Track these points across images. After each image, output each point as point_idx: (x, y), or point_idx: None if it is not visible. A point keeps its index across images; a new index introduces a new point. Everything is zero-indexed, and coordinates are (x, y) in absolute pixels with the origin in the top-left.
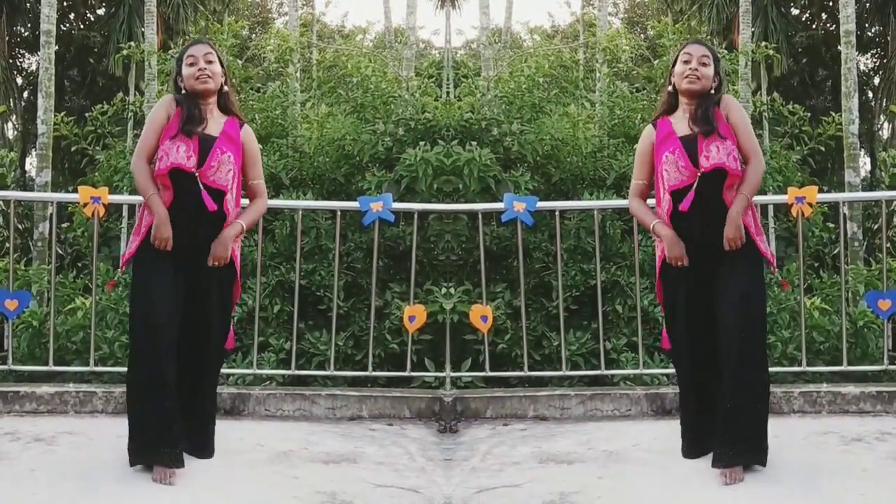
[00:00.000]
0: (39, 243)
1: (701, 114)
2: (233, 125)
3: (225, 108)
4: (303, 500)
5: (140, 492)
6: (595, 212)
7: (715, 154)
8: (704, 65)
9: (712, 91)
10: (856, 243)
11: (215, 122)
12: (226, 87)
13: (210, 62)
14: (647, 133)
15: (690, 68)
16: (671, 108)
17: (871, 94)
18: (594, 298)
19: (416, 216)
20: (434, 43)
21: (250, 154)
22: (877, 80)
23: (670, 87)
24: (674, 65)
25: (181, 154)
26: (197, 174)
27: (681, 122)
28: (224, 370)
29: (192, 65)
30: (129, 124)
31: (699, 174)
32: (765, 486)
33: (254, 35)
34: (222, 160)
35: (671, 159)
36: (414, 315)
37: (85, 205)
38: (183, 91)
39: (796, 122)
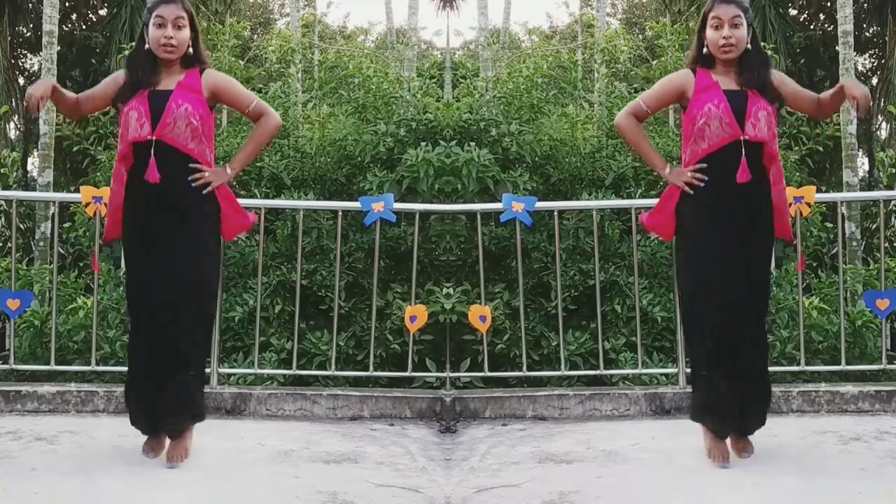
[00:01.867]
0: (41, 243)
1: (755, 66)
2: (193, 74)
3: (189, 63)
4: (304, 500)
5: (141, 491)
6: (594, 212)
7: (763, 124)
8: (737, 26)
9: (748, 45)
10: (854, 243)
11: (172, 78)
12: (191, 51)
13: (179, 27)
14: (684, 74)
15: (724, 37)
16: (706, 63)
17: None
18: (593, 298)
19: (417, 216)
20: (436, 43)
21: (224, 89)
22: (875, 81)
23: (705, 50)
24: (701, 27)
25: (134, 123)
26: (153, 139)
27: (723, 77)
28: (225, 370)
29: (160, 26)
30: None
31: (743, 139)
32: (763, 485)
33: (255, 36)
34: (178, 115)
35: (714, 113)
36: (415, 315)
37: (87, 205)
38: (146, 47)
39: (794, 122)
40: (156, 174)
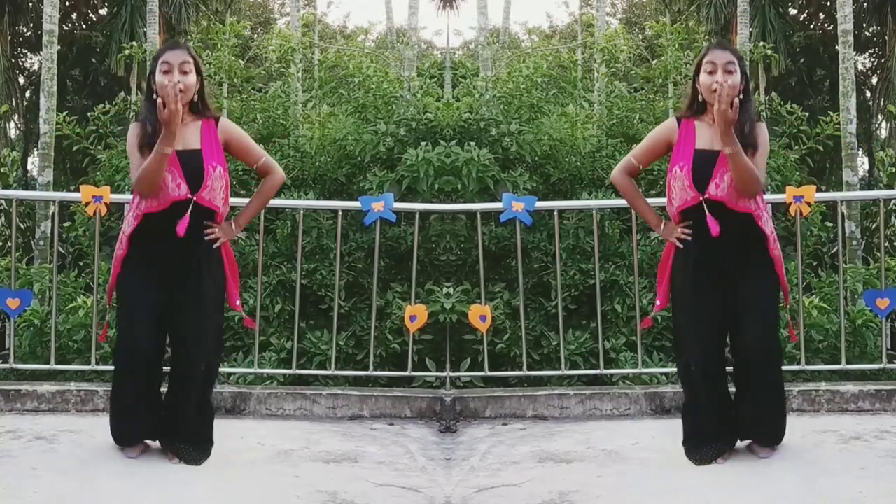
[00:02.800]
0: (41, 242)
1: (741, 121)
2: (209, 128)
3: (197, 109)
4: (304, 499)
5: (141, 490)
6: (594, 211)
7: (725, 186)
8: (730, 73)
9: (740, 95)
10: (854, 242)
11: (190, 131)
12: (195, 98)
13: (185, 73)
14: (669, 125)
15: (717, 82)
16: (699, 110)
17: (868, 94)
18: (593, 298)
19: (417, 216)
20: (436, 43)
21: (238, 143)
22: (874, 80)
23: (700, 97)
24: (696, 71)
25: (170, 185)
26: (194, 199)
27: (705, 131)
28: (225, 369)
29: (166, 73)
30: (130, 124)
31: (703, 199)
32: (764, 485)
33: (256, 35)
34: (215, 178)
35: (678, 176)
36: (415, 315)
37: (87, 204)
38: (155, 95)
39: (794, 121)
40: (184, 229)
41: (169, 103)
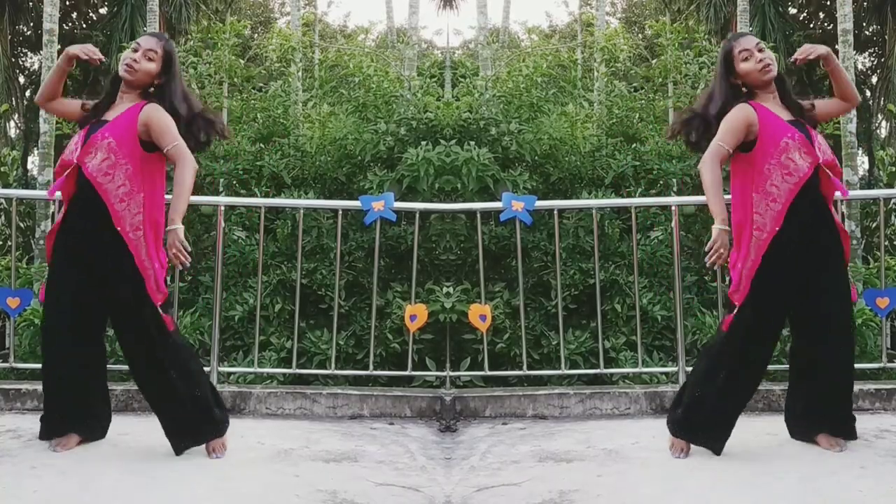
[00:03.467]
0: (41, 242)
1: (790, 92)
2: (134, 108)
3: (146, 97)
4: (303, 499)
5: (140, 489)
6: (593, 211)
7: (825, 147)
8: (763, 50)
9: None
10: (854, 241)
11: (119, 110)
12: (157, 82)
13: (149, 59)
14: (744, 109)
15: (759, 60)
16: (749, 97)
17: (868, 93)
18: (593, 297)
19: (417, 215)
20: (436, 43)
21: (155, 126)
22: (874, 79)
23: (741, 86)
24: (726, 70)
25: (71, 147)
26: (76, 161)
27: (775, 108)
28: (225, 369)
29: (133, 51)
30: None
31: (818, 164)
32: (763, 484)
33: (256, 35)
34: (100, 146)
35: (793, 145)
36: (415, 314)
37: None
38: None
39: None
40: (53, 191)
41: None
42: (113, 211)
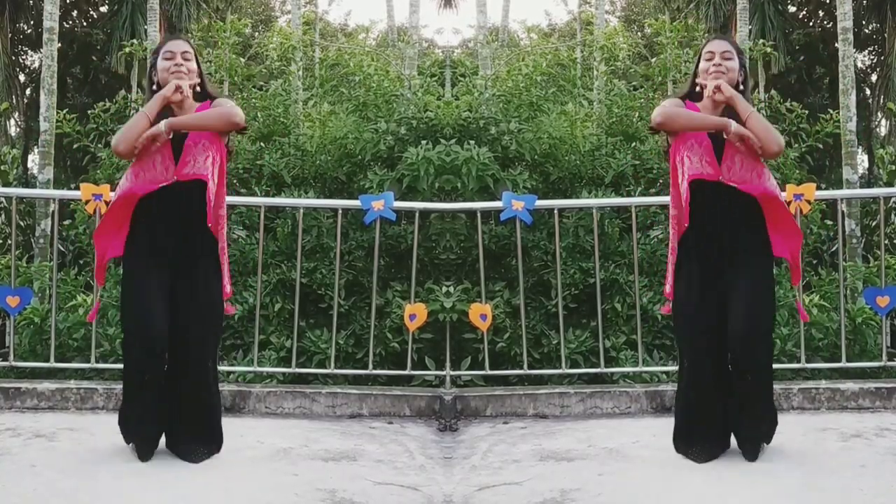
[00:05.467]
0: (41, 240)
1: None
2: (203, 108)
3: (201, 98)
4: (302, 497)
5: (140, 488)
6: (594, 210)
7: (738, 169)
8: (728, 59)
9: (740, 87)
10: (854, 240)
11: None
12: (198, 87)
13: (187, 59)
14: (677, 101)
15: (714, 64)
16: (696, 98)
17: (868, 92)
18: (593, 296)
19: (417, 215)
20: (437, 41)
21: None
22: (874, 77)
23: (697, 89)
24: (697, 64)
25: (158, 168)
26: (176, 178)
27: (707, 113)
28: (224, 368)
29: (168, 59)
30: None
31: (719, 179)
32: (764, 482)
33: (256, 33)
34: (197, 151)
35: (696, 149)
36: (415, 314)
37: (87, 202)
38: (155, 87)
39: (794, 119)
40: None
41: (172, 80)
42: (209, 209)
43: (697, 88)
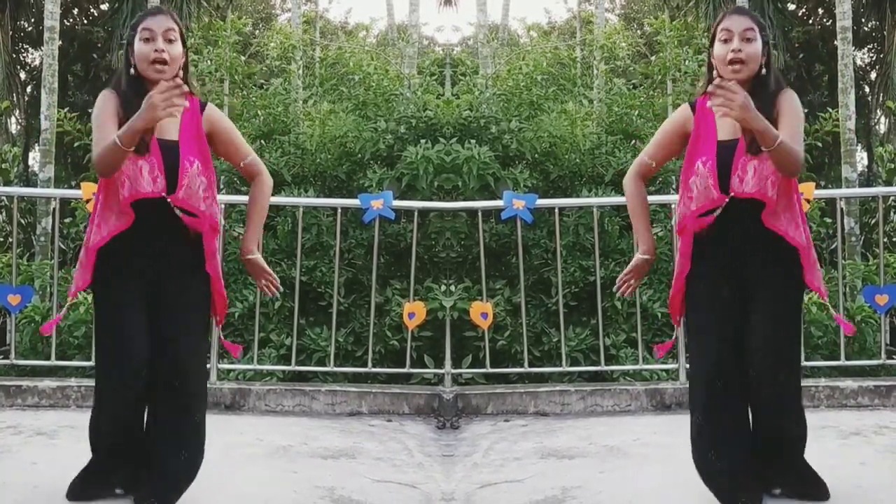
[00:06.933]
0: (42, 239)
1: (765, 99)
2: (193, 116)
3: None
4: (301, 495)
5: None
6: (594, 208)
7: (751, 178)
8: (749, 40)
9: (762, 69)
10: (853, 238)
11: (171, 120)
12: (180, 73)
13: (171, 41)
14: (683, 113)
15: (733, 50)
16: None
17: (867, 90)
18: (593, 295)
19: (416, 214)
20: (437, 39)
21: (225, 137)
22: (874, 76)
23: (714, 73)
24: (711, 44)
25: (146, 178)
26: (168, 200)
27: (725, 119)
28: (225, 366)
29: (147, 40)
30: (102, 91)
31: (728, 199)
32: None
33: (257, 32)
34: (192, 174)
35: (701, 173)
36: (414, 312)
37: (87, 200)
38: (132, 70)
39: None
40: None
41: (165, 92)
42: (205, 232)
43: (715, 73)
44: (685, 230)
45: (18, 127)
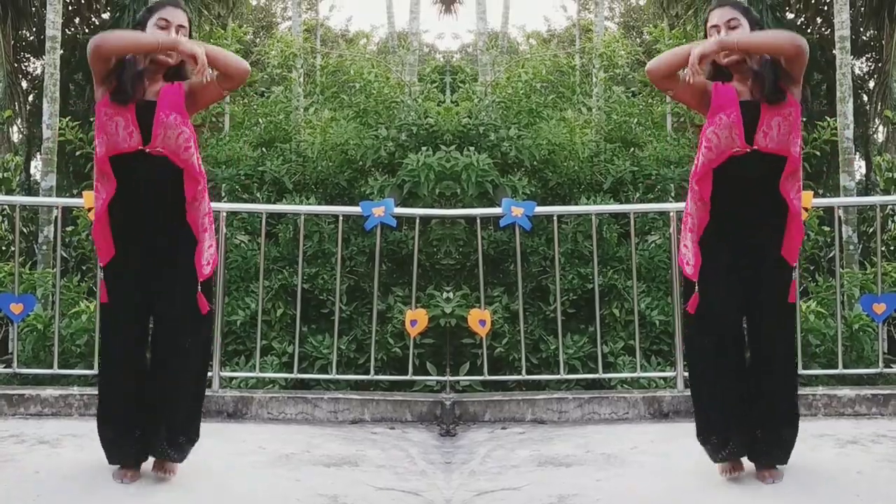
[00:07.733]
0: (44, 247)
1: (768, 72)
2: (174, 86)
3: (174, 77)
4: (304, 503)
5: (142, 494)
6: (592, 216)
7: (775, 134)
8: (734, 28)
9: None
10: (851, 247)
11: (153, 90)
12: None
13: (183, 35)
14: (704, 82)
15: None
16: (719, 76)
17: (866, 99)
18: (591, 302)
19: (417, 221)
20: (437, 47)
21: (198, 86)
22: (872, 85)
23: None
24: (705, 38)
25: (121, 134)
26: (146, 150)
27: (741, 88)
28: (227, 373)
29: (163, 28)
30: None
31: (752, 149)
32: (761, 488)
33: (257, 40)
34: (168, 124)
35: (724, 122)
36: (416, 319)
37: (89, 209)
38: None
39: None
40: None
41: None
42: (188, 185)
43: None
44: (706, 176)
45: (20, 136)
